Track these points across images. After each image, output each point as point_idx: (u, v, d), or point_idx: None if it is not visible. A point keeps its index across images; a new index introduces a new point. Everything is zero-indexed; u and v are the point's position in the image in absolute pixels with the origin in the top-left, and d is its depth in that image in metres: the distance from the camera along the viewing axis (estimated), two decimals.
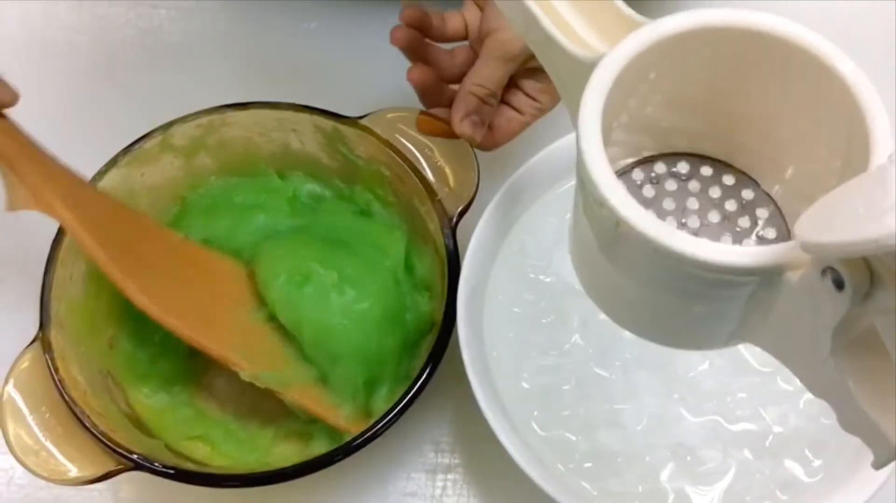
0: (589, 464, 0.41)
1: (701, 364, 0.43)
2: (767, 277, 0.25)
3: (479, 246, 0.43)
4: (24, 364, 0.41)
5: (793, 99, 0.29)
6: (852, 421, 0.25)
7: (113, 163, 0.45)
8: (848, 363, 0.24)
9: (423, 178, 0.44)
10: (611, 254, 0.30)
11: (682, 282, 0.27)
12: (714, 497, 0.40)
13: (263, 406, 0.46)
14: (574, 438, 0.42)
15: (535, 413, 0.42)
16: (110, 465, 0.39)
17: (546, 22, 0.30)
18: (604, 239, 0.29)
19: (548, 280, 0.45)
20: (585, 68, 0.29)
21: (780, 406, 0.42)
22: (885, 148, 0.26)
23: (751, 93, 0.30)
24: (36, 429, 0.40)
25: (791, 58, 0.28)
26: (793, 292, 0.25)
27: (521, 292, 0.44)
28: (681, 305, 0.29)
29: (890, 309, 0.21)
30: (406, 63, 0.45)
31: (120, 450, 0.39)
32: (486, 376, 0.41)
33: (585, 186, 0.27)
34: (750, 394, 0.42)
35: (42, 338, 0.41)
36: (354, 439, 0.39)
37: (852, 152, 0.27)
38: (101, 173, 0.45)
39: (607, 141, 0.30)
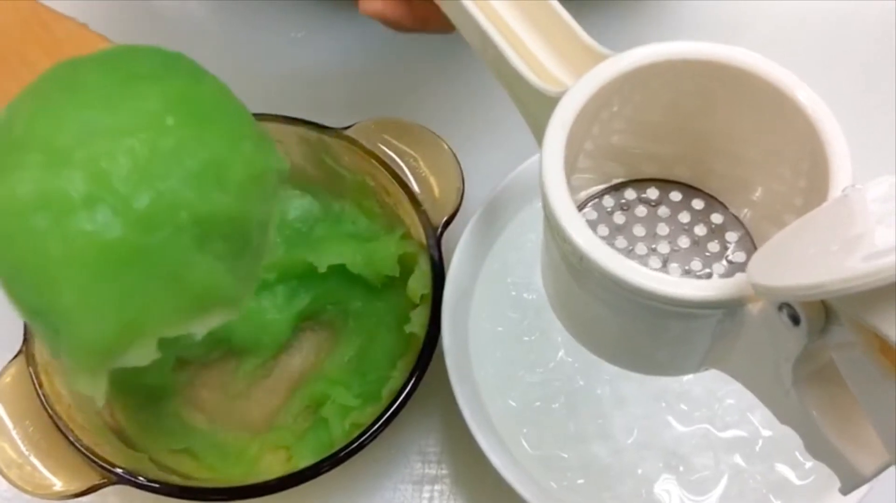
0: (582, 481, 0.41)
1: None
2: (729, 310, 0.26)
3: (461, 263, 0.43)
4: (8, 378, 0.41)
5: (756, 121, 0.30)
6: (818, 449, 0.25)
7: None
8: (811, 394, 0.24)
9: (407, 188, 0.44)
10: (577, 285, 0.30)
11: (647, 314, 0.28)
12: None
13: (249, 418, 0.46)
14: (565, 455, 0.41)
15: (525, 430, 0.42)
16: (94, 479, 0.39)
17: (511, 54, 0.31)
18: (569, 271, 0.29)
19: (529, 297, 0.45)
20: (550, 101, 0.29)
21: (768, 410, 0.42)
22: (843, 179, 0.26)
23: (714, 116, 0.31)
24: (20, 442, 0.40)
25: (751, 86, 0.29)
26: (753, 325, 0.25)
27: (505, 310, 0.44)
28: (648, 334, 0.30)
29: (846, 344, 0.21)
30: (393, 74, 0.44)
31: (104, 464, 0.39)
32: (475, 397, 0.41)
33: (549, 220, 0.28)
34: (737, 399, 0.42)
35: (26, 352, 0.41)
36: (340, 450, 0.39)
37: (816, 173, 0.27)
38: None
39: (574, 169, 0.31)
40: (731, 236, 0.31)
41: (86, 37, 0.35)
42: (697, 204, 0.32)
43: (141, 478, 0.39)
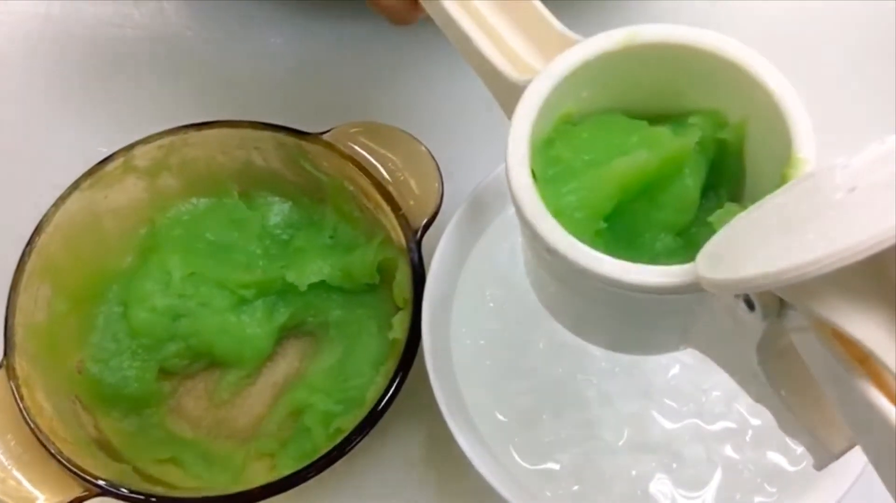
0: (577, 487, 0.41)
1: (672, 368, 0.43)
2: (694, 295, 0.26)
3: (441, 266, 0.42)
4: None
5: (724, 101, 0.30)
6: (790, 427, 0.25)
7: (75, 186, 0.44)
8: (777, 374, 0.24)
9: (385, 192, 0.44)
10: (553, 276, 0.30)
11: (618, 299, 0.28)
12: (706, 500, 0.40)
13: (234, 426, 0.46)
14: (557, 464, 0.41)
15: (516, 440, 0.41)
16: (77, 491, 0.39)
17: (482, 42, 0.31)
18: (542, 263, 0.30)
19: (507, 308, 0.44)
20: (519, 89, 0.29)
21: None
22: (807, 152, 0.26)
23: (686, 97, 0.30)
24: (2, 456, 0.39)
25: (714, 66, 0.29)
26: (717, 308, 0.25)
27: (485, 322, 0.44)
28: (624, 318, 0.30)
29: (802, 328, 0.21)
30: (369, 78, 0.44)
31: (86, 476, 0.38)
32: (463, 413, 0.40)
33: (517, 212, 0.28)
34: (723, 391, 0.42)
35: (6, 366, 0.41)
36: (323, 457, 0.39)
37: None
38: (63, 198, 0.44)
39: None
40: None
41: None
42: None
43: (123, 490, 0.38)
